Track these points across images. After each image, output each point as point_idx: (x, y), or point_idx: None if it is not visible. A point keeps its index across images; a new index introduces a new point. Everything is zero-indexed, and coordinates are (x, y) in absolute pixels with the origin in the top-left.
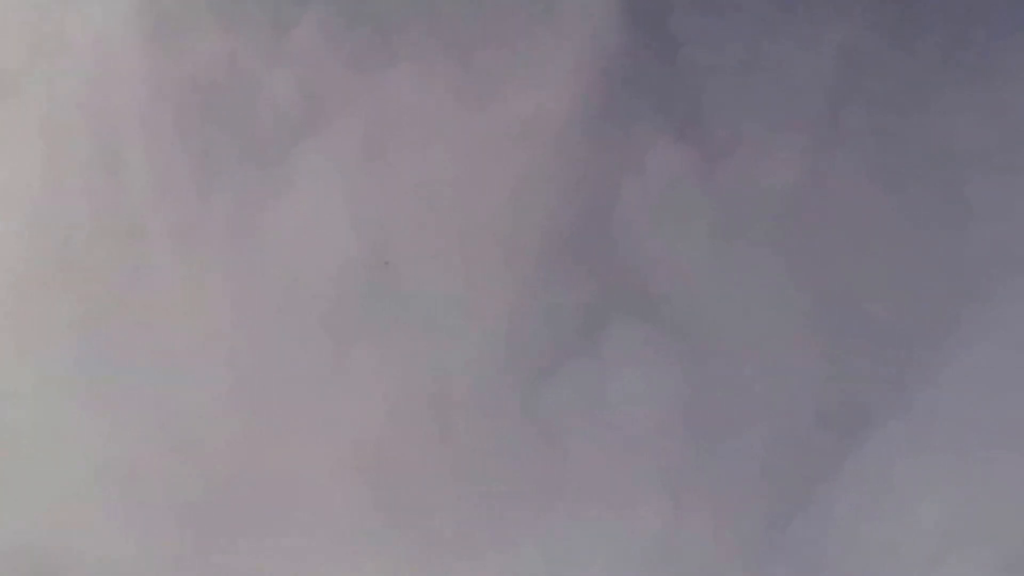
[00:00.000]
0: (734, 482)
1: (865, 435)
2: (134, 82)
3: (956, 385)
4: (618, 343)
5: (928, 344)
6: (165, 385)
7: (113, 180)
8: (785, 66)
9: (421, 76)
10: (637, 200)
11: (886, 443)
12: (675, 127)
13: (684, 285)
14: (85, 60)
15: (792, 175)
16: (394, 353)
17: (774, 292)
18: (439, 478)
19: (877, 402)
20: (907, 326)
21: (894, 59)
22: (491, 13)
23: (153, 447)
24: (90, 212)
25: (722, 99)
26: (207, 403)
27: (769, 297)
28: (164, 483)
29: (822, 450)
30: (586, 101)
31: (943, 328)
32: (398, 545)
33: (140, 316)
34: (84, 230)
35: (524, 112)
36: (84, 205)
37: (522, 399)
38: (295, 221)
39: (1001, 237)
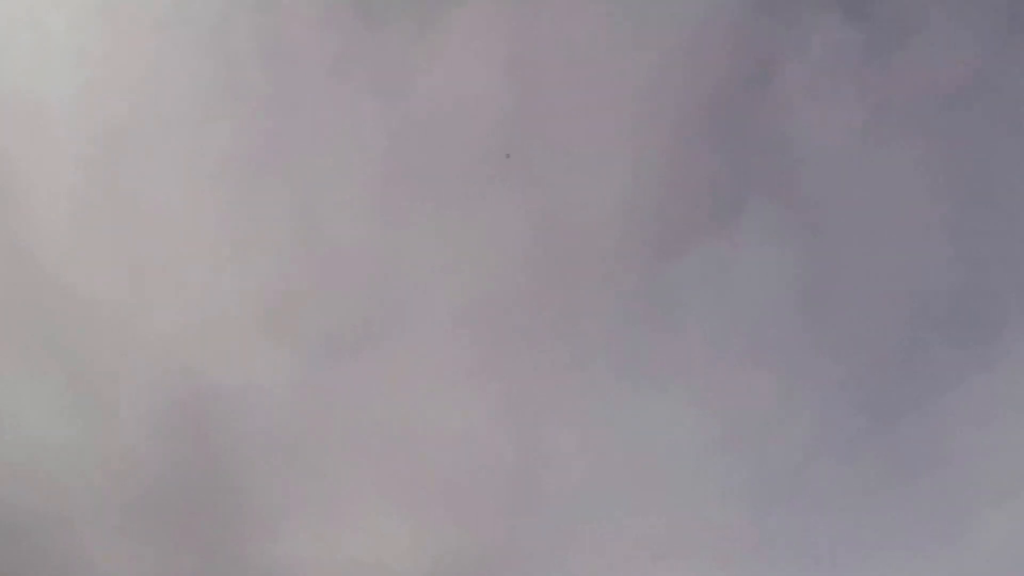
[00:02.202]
0: (846, 372)
1: (993, 351)
2: None
3: None
4: (755, 220)
5: None
6: (309, 216)
7: (274, 14)
8: None
9: None
10: (795, 78)
11: (1016, 363)
12: (844, 6)
13: (828, 169)
14: None
15: (965, 64)
16: (530, 204)
17: (924, 189)
18: (556, 337)
19: (1014, 320)
20: None
21: None
22: None
23: (295, 277)
24: (251, 44)
25: None
26: (347, 238)
27: (917, 194)
28: (304, 312)
29: (945, 357)
30: None
31: None
32: (502, 387)
33: (291, 150)
34: (246, 61)
35: None
36: (246, 36)
37: (652, 263)
38: (447, 71)
39: None
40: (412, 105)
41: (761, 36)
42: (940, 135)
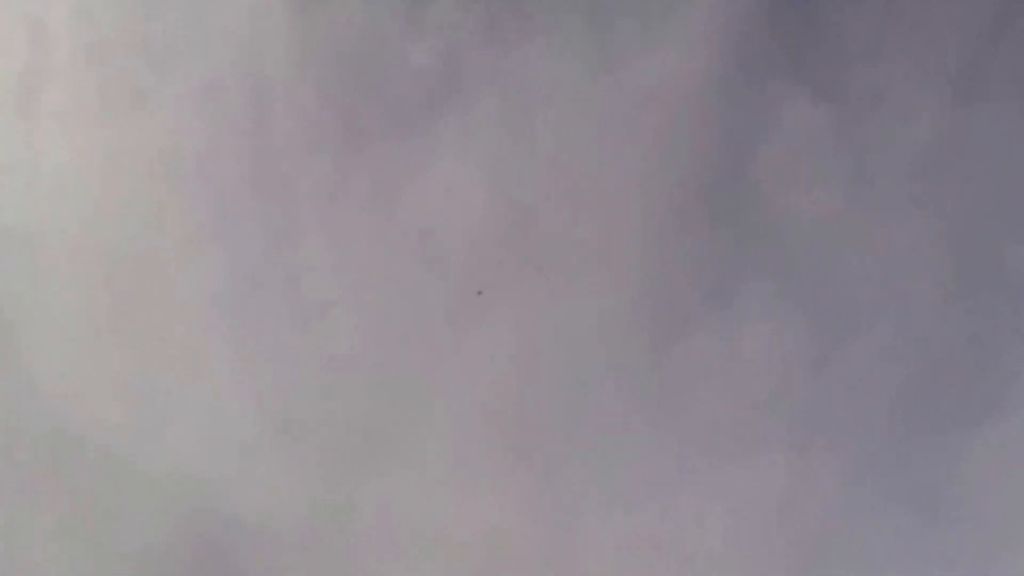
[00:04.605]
0: (862, 430)
1: (1008, 402)
2: (282, 53)
3: None
4: (750, 301)
5: None
6: (312, 339)
7: (264, 145)
8: (927, 18)
9: (557, 45)
10: (772, 159)
11: None
12: (812, 83)
13: (819, 243)
14: (238, 33)
15: (932, 131)
16: (530, 310)
17: (910, 251)
18: (568, 429)
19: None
20: None
21: None
22: None
23: (302, 396)
24: (244, 174)
25: (861, 53)
26: (351, 354)
27: (905, 256)
28: (311, 428)
29: (959, 402)
30: (722, 60)
31: None
32: (523, 490)
33: (288, 272)
34: (239, 191)
35: (659, 75)
36: (238, 167)
37: (654, 355)
38: (435, 187)
39: None
40: (401, 219)
41: (735, 125)
42: (916, 194)
